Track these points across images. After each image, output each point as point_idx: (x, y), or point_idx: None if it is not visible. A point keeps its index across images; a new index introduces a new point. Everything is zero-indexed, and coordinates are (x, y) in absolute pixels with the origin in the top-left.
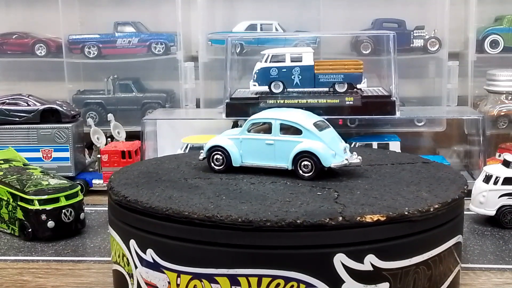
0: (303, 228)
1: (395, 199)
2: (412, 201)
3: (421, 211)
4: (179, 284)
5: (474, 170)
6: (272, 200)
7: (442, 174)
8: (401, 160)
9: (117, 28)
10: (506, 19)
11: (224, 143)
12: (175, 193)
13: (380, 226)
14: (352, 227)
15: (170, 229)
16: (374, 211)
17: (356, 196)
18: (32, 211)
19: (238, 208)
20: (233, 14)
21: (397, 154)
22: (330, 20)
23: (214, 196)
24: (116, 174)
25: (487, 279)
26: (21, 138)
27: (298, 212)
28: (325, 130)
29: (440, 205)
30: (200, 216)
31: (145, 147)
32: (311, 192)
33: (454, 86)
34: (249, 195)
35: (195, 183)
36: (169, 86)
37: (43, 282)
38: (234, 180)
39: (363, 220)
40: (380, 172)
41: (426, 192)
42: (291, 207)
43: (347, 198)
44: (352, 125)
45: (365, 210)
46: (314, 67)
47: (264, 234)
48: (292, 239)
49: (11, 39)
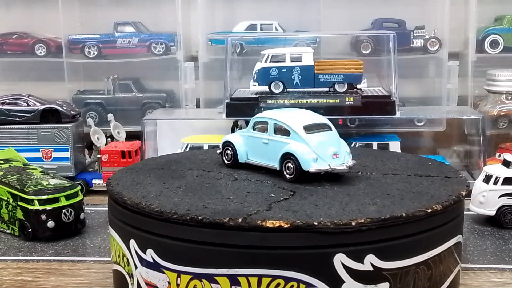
0: (203, 225)
1: (344, 209)
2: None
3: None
4: (179, 284)
5: (474, 170)
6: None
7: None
8: (417, 171)
9: (117, 28)
10: (506, 19)
11: (233, 139)
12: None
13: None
14: (252, 230)
15: (170, 229)
16: (284, 218)
17: (303, 202)
18: (32, 211)
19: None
20: (233, 14)
21: (425, 167)
22: (330, 20)
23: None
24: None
25: (487, 279)
26: (21, 138)
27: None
28: (316, 133)
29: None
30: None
31: (145, 147)
32: (268, 193)
33: (454, 86)
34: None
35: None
36: (169, 86)
37: (43, 282)
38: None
39: (263, 225)
40: (371, 180)
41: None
42: (228, 203)
43: (288, 202)
44: (352, 125)
45: (278, 216)
46: (314, 67)
47: (264, 234)
48: (293, 239)
49: (11, 39)
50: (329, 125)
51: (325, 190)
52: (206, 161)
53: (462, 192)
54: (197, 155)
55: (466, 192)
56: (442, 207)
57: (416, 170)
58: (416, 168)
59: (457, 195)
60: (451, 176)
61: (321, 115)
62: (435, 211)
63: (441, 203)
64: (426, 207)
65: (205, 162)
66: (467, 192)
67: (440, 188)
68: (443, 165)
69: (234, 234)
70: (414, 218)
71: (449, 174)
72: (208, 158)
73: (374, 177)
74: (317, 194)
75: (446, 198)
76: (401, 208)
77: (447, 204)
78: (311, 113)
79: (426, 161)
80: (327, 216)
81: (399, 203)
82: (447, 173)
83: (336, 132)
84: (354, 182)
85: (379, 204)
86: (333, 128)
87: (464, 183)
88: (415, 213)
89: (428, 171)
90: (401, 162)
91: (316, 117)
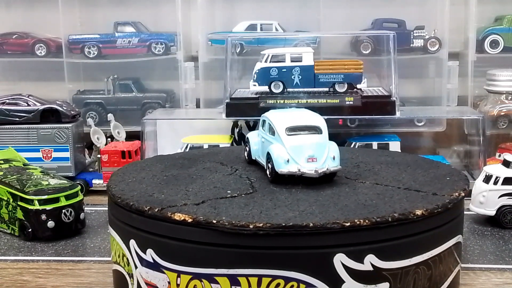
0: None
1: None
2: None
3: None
4: (179, 284)
5: (474, 170)
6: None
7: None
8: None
9: (117, 28)
10: (506, 19)
11: (251, 136)
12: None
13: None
14: (162, 220)
15: (170, 229)
16: (194, 213)
17: (247, 201)
18: (32, 211)
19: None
20: (233, 14)
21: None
22: (330, 20)
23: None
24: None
25: (487, 279)
26: (21, 138)
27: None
28: (297, 136)
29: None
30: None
31: (145, 147)
32: (229, 189)
33: (454, 86)
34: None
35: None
36: (169, 86)
37: (43, 282)
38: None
39: (171, 217)
40: (340, 187)
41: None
42: (176, 194)
43: (232, 201)
44: (352, 125)
45: (196, 211)
46: (314, 67)
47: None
48: (293, 240)
49: (11, 39)
50: (318, 128)
51: (288, 193)
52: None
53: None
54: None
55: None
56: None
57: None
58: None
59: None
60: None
61: (320, 117)
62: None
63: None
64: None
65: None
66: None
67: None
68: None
69: (234, 234)
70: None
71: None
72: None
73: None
74: (275, 196)
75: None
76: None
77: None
78: (308, 115)
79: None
80: (232, 217)
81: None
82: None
83: (326, 136)
84: (335, 187)
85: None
86: (324, 132)
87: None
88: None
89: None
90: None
91: (308, 119)
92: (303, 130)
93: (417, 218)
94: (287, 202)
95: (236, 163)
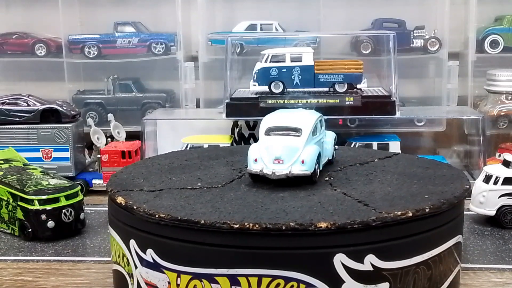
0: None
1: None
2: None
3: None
4: (179, 284)
5: (474, 170)
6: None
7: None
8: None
9: (117, 28)
10: (506, 19)
11: None
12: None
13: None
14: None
15: (170, 230)
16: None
17: (207, 196)
18: (32, 211)
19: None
20: (233, 14)
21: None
22: (330, 20)
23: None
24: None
25: (487, 279)
26: (21, 138)
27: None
28: (272, 136)
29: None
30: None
31: (145, 147)
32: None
33: (454, 86)
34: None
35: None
36: (169, 86)
37: (43, 282)
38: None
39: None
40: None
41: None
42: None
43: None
44: (352, 125)
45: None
46: (314, 67)
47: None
48: (293, 240)
49: (11, 39)
50: (298, 130)
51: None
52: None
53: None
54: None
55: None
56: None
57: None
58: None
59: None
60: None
61: (309, 119)
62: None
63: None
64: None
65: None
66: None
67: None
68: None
69: (234, 234)
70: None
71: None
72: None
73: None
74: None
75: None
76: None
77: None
78: (297, 116)
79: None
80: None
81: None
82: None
83: (304, 139)
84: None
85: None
86: (304, 134)
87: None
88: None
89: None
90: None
91: (291, 121)
92: (282, 131)
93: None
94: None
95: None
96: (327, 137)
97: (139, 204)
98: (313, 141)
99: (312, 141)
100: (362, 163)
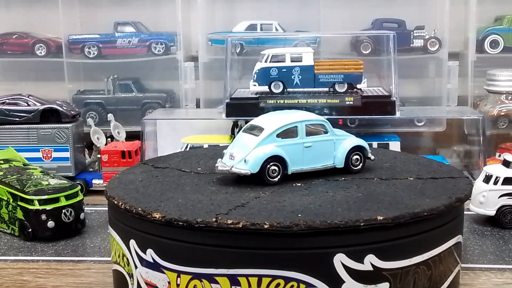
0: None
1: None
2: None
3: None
4: (179, 284)
5: (474, 170)
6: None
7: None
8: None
9: (117, 28)
10: (506, 19)
11: None
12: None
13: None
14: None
15: (170, 230)
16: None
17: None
18: (32, 211)
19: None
20: (233, 14)
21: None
22: (330, 20)
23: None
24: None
25: (487, 279)
26: (21, 138)
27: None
28: (240, 133)
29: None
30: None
31: (145, 147)
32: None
33: (454, 86)
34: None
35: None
36: (169, 86)
37: (43, 282)
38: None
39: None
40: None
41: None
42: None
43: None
44: (352, 125)
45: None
46: (314, 67)
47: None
48: (293, 240)
49: (11, 39)
50: (261, 129)
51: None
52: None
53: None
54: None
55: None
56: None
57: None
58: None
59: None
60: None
61: (284, 120)
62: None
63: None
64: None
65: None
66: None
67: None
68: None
69: (234, 234)
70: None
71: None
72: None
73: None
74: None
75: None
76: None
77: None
78: (280, 116)
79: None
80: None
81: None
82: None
83: (260, 139)
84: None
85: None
86: (262, 134)
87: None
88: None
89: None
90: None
91: (261, 121)
92: (251, 130)
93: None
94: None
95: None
96: (341, 144)
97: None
98: (278, 143)
99: (274, 142)
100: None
